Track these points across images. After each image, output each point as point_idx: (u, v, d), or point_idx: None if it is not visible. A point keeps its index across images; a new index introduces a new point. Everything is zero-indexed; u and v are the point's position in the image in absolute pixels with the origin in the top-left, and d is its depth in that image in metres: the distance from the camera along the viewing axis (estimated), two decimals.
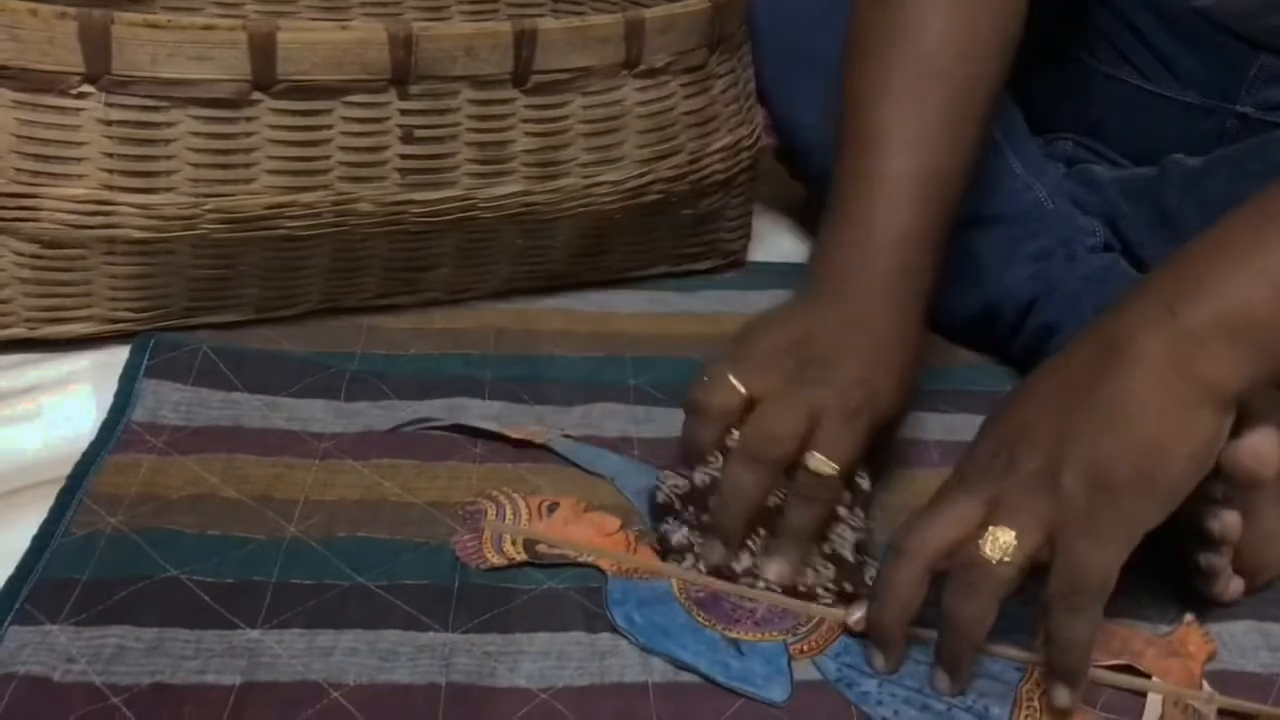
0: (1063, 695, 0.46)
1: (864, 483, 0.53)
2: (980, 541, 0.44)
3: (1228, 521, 0.50)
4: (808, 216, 0.90)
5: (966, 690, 0.48)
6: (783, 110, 0.83)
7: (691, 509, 0.53)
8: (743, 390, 0.52)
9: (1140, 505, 0.45)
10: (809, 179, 0.86)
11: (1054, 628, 0.45)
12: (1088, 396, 0.46)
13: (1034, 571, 0.45)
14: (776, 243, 0.88)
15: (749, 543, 0.52)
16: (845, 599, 0.51)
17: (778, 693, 0.47)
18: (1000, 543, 0.44)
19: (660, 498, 0.54)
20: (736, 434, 0.52)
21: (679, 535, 0.53)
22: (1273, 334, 0.45)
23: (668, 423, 0.62)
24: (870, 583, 0.50)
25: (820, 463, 0.50)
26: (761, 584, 0.51)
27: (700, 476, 0.53)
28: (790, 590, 0.51)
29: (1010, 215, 0.72)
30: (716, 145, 0.77)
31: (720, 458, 0.52)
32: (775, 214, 0.91)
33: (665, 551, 0.54)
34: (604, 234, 0.76)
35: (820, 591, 0.51)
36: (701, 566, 0.52)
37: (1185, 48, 0.74)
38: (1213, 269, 0.46)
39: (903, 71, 0.60)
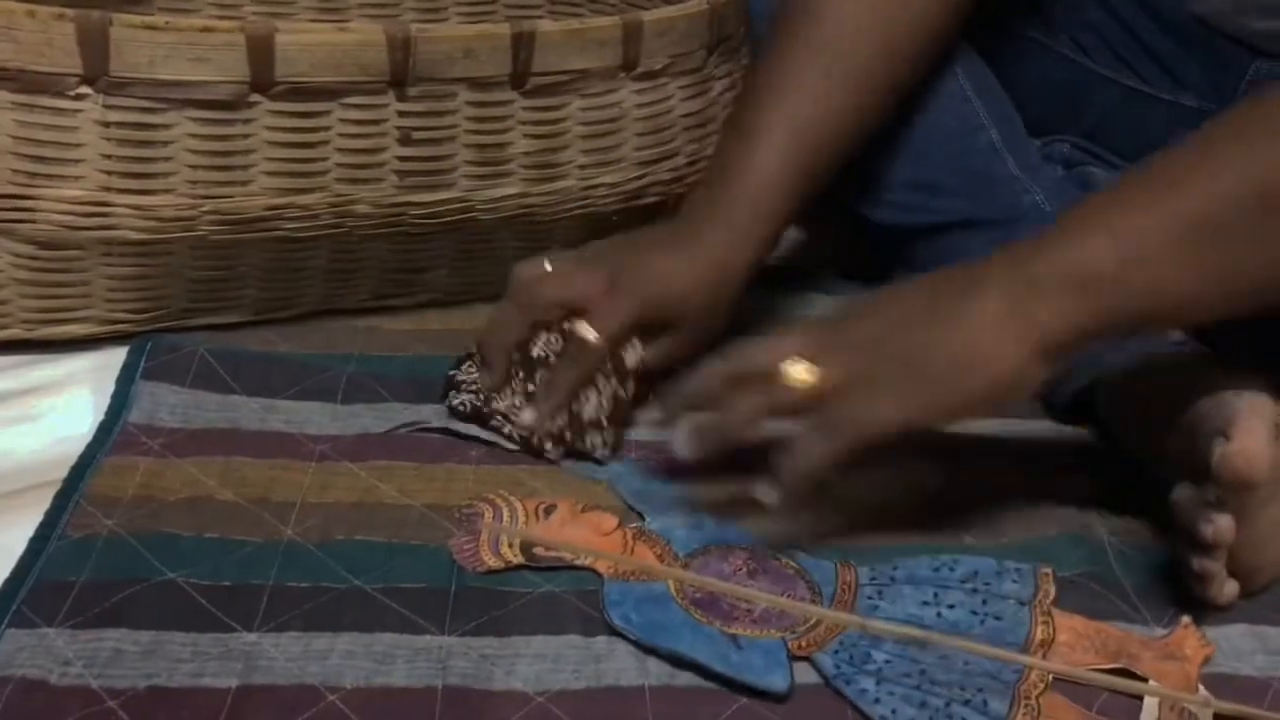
0: (767, 492, 0.52)
1: (629, 358, 0.60)
2: (786, 367, 0.51)
3: (1220, 525, 0.50)
4: (806, 216, 0.90)
5: (965, 685, 0.48)
6: None
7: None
8: (546, 267, 0.60)
9: (933, 395, 0.50)
10: None
11: (800, 439, 0.51)
12: (929, 306, 0.51)
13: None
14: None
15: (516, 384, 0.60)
16: (562, 444, 0.59)
17: (778, 681, 0.47)
18: (798, 370, 0.51)
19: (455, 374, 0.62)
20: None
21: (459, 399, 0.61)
22: (1113, 292, 0.48)
23: None
24: (592, 446, 0.60)
25: (583, 328, 0.58)
26: (509, 428, 0.60)
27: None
28: (527, 439, 0.60)
29: (1007, 217, 0.72)
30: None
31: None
32: None
33: (451, 411, 0.61)
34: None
35: (549, 444, 0.60)
36: (478, 400, 0.61)
37: (1183, 51, 0.74)
38: (1067, 225, 0.51)
39: (794, 41, 0.64)
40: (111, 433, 0.59)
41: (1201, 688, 0.49)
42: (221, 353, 0.65)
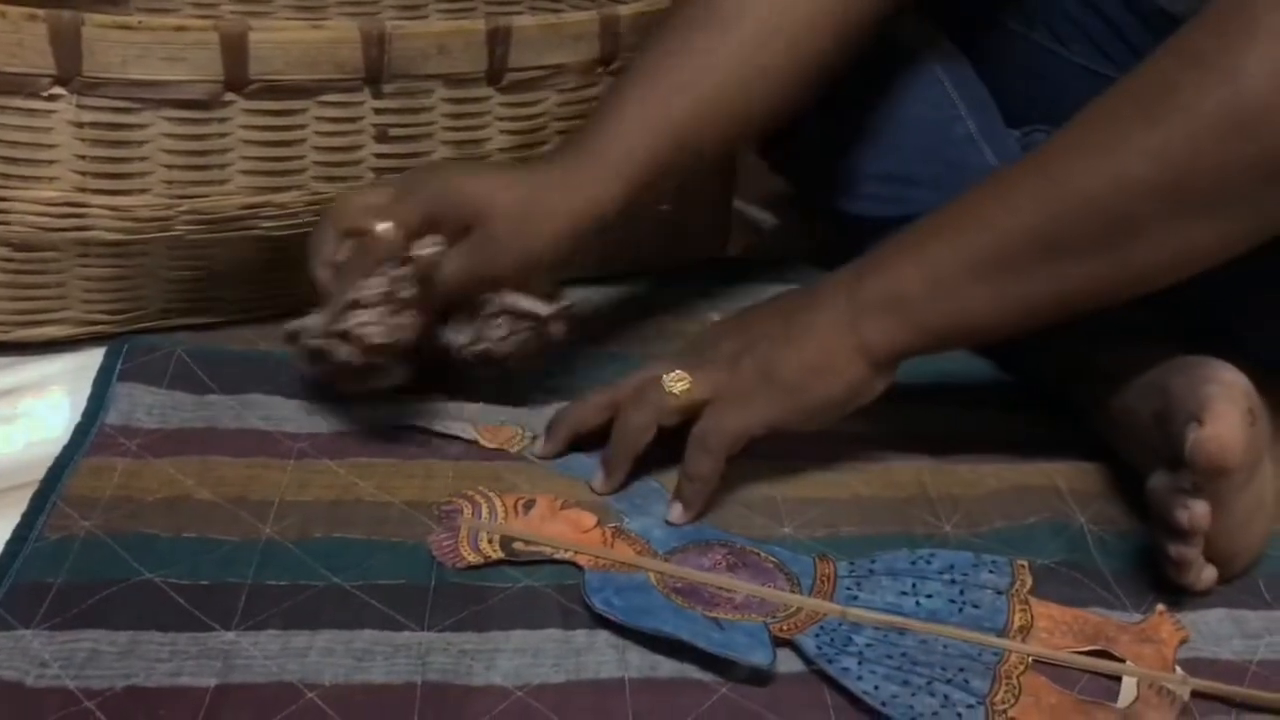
0: (677, 511, 0.56)
1: (421, 249, 0.57)
2: (665, 377, 0.57)
3: (1196, 512, 0.50)
4: (790, 210, 0.91)
5: (946, 666, 0.48)
6: None
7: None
8: (373, 199, 0.59)
9: (785, 402, 0.56)
10: (791, 173, 0.86)
11: (687, 459, 0.56)
12: (785, 321, 0.58)
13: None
14: (757, 235, 0.88)
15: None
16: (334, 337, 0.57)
17: (762, 657, 0.47)
18: (676, 379, 0.57)
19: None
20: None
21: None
22: (920, 314, 0.55)
23: None
24: (362, 329, 0.57)
25: (377, 224, 0.57)
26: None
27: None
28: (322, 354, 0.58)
29: None
30: None
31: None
32: (757, 208, 0.92)
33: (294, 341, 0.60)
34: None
35: (340, 350, 0.57)
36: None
37: (1156, 41, 0.74)
38: (891, 252, 0.57)
39: (681, 17, 0.63)
40: (89, 434, 0.59)
41: (1178, 668, 0.49)
42: (199, 353, 0.65)
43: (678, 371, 0.57)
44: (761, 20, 0.62)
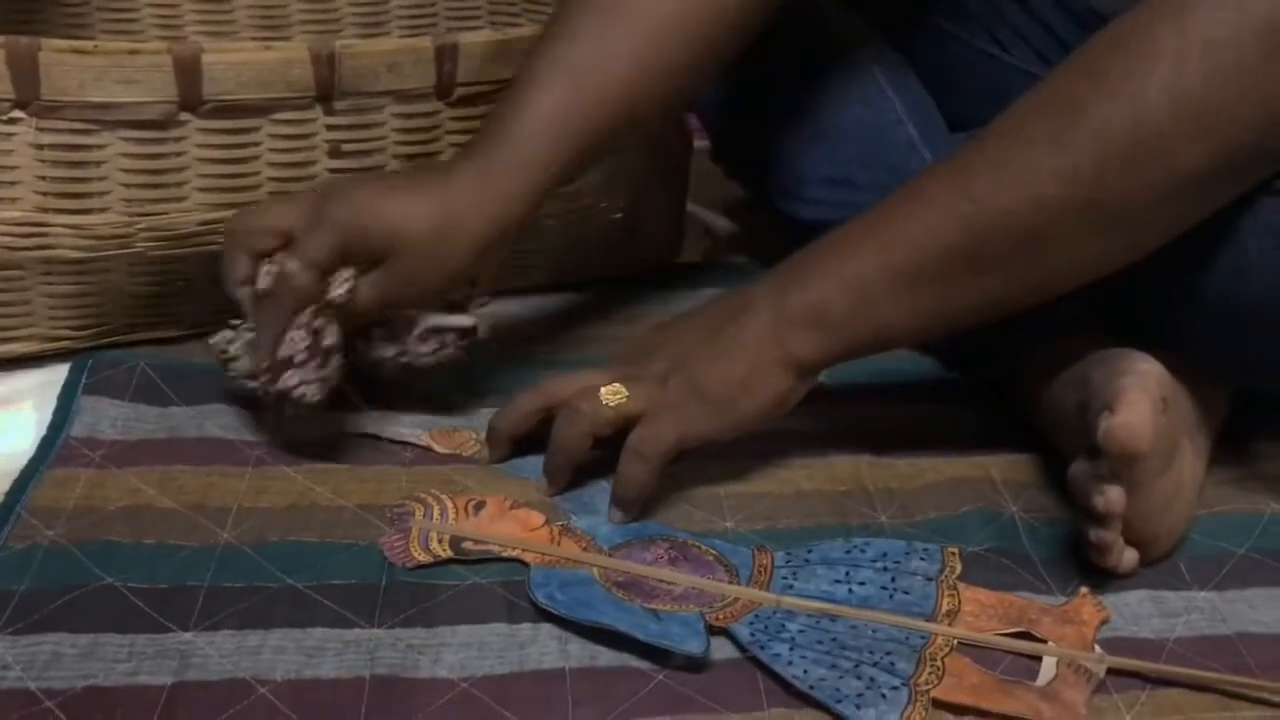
0: (616, 514, 0.58)
1: (334, 289, 0.58)
2: (602, 390, 0.58)
3: (1111, 497, 0.52)
4: (744, 216, 0.93)
5: (874, 650, 0.50)
6: (710, 111, 0.85)
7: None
8: (265, 221, 0.60)
9: (716, 417, 0.58)
10: (744, 178, 0.88)
11: (622, 466, 0.58)
12: (713, 334, 0.59)
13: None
14: (713, 240, 0.90)
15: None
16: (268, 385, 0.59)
17: (695, 646, 0.49)
18: (612, 392, 0.58)
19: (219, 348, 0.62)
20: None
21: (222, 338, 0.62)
22: (842, 327, 0.57)
23: None
24: (289, 387, 0.58)
25: (282, 258, 0.58)
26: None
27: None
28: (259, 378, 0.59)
29: None
30: (644, 150, 0.79)
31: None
32: (712, 213, 0.94)
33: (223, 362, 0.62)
34: (539, 238, 0.78)
35: (262, 387, 0.59)
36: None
37: None
38: (812, 265, 0.59)
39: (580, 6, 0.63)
40: (53, 446, 0.61)
41: (1097, 647, 0.51)
42: (161, 366, 0.67)
43: (615, 385, 0.58)
44: (665, 12, 0.62)
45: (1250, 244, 0.55)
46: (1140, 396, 0.51)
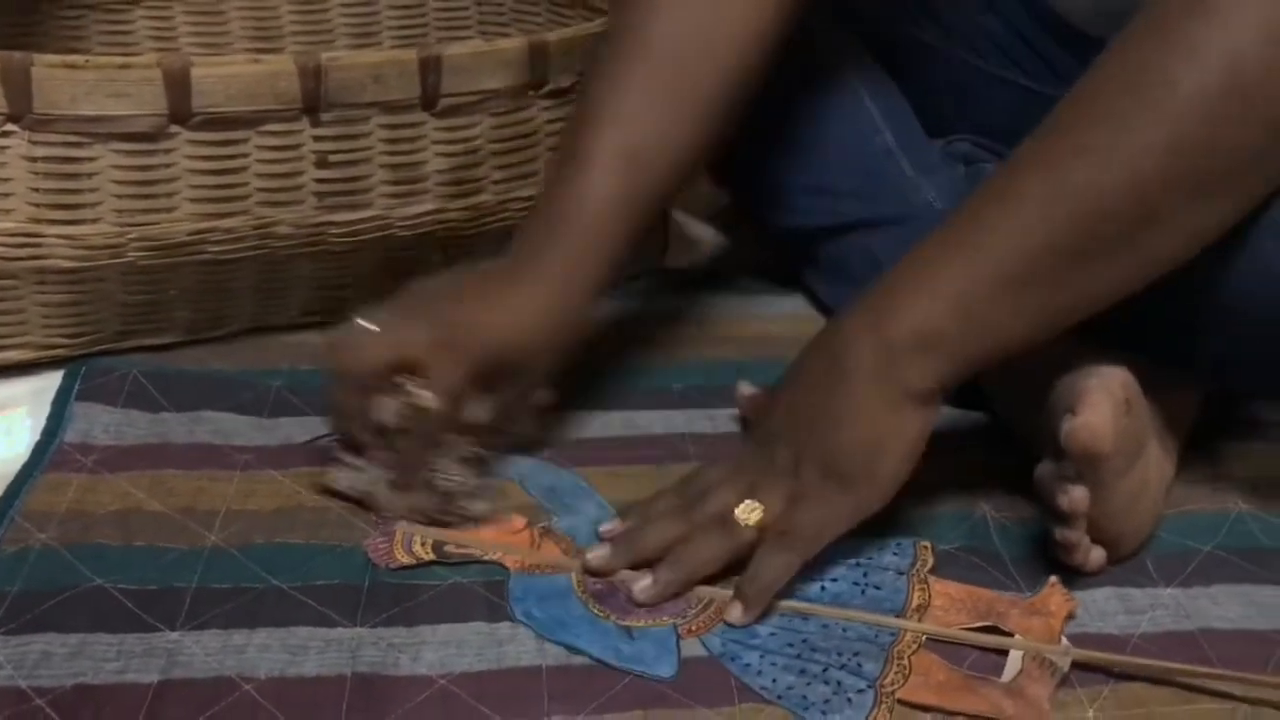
0: (736, 612, 0.54)
1: (475, 414, 0.58)
2: (736, 512, 0.55)
3: (1075, 496, 0.53)
4: (729, 223, 0.94)
5: (843, 650, 0.51)
6: None
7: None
8: (369, 328, 0.58)
9: (862, 491, 0.55)
10: (729, 187, 0.89)
11: (756, 560, 0.54)
12: (822, 403, 0.55)
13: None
14: (698, 247, 0.92)
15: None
16: (441, 524, 0.57)
17: (665, 669, 0.51)
18: (748, 511, 0.55)
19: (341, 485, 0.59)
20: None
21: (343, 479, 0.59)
22: (950, 346, 0.53)
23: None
24: (465, 512, 0.57)
25: (415, 392, 0.56)
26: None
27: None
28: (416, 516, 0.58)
29: (903, 216, 0.76)
30: None
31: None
32: (696, 220, 0.95)
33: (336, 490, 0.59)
34: None
35: (434, 515, 0.57)
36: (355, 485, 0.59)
37: (1064, 50, 0.77)
38: (905, 288, 0.54)
39: (621, 58, 0.63)
40: (47, 452, 0.62)
41: (1064, 639, 0.53)
42: (153, 373, 0.69)
43: (748, 502, 0.55)
44: (702, 73, 0.63)
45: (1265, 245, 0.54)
46: (1102, 398, 0.53)
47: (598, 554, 0.56)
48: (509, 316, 0.59)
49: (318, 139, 0.69)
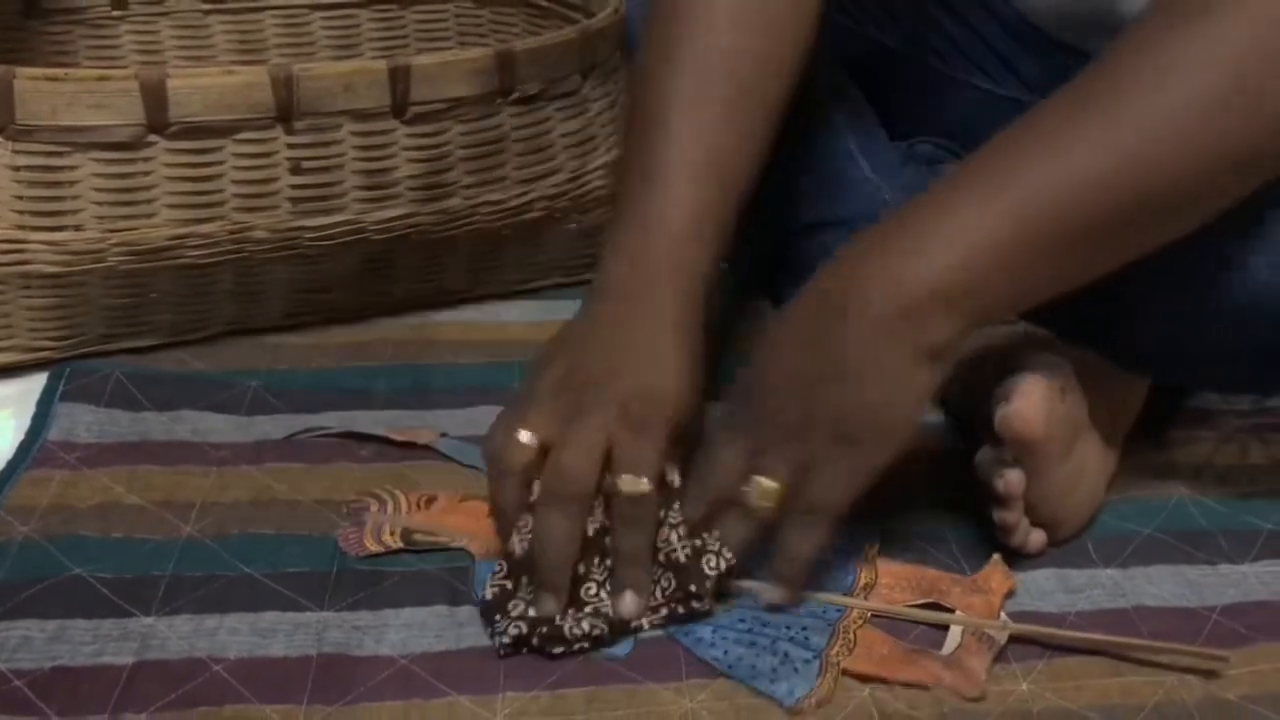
0: (774, 594, 0.54)
1: (674, 479, 0.54)
2: (746, 491, 0.53)
3: (1010, 479, 0.55)
4: None
5: (791, 625, 0.54)
6: None
7: (524, 579, 0.53)
8: (532, 442, 0.53)
9: (874, 449, 0.52)
10: None
11: (785, 538, 0.53)
12: (826, 360, 0.51)
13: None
14: None
15: (594, 574, 0.53)
16: (693, 598, 0.53)
17: (621, 649, 0.53)
18: (763, 489, 0.52)
19: (489, 596, 0.53)
20: (538, 485, 0.52)
21: (511, 630, 0.52)
22: (979, 297, 0.51)
23: None
24: (710, 571, 0.53)
25: (630, 484, 0.52)
26: (602, 621, 0.52)
27: (518, 546, 0.53)
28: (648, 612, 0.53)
29: (859, 217, 0.78)
30: (596, 163, 0.83)
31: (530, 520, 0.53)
32: None
33: (501, 637, 0.52)
34: (495, 249, 0.82)
35: (674, 605, 0.53)
36: (539, 625, 0.52)
37: (1026, 53, 0.80)
38: (929, 230, 0.51)
39: (686, 73, 0.61)
40: (30, 450, 0.65)
41: (1004, 615, 0.55)
42: (135, 374, 0.71)
43: (761, 481, 0.52)
44: (758, 77, 0.62)
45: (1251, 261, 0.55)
46: (1035, 387, 0.55)
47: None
48: (667, 373, 0.55)
49: (291, 146, 0.71)
